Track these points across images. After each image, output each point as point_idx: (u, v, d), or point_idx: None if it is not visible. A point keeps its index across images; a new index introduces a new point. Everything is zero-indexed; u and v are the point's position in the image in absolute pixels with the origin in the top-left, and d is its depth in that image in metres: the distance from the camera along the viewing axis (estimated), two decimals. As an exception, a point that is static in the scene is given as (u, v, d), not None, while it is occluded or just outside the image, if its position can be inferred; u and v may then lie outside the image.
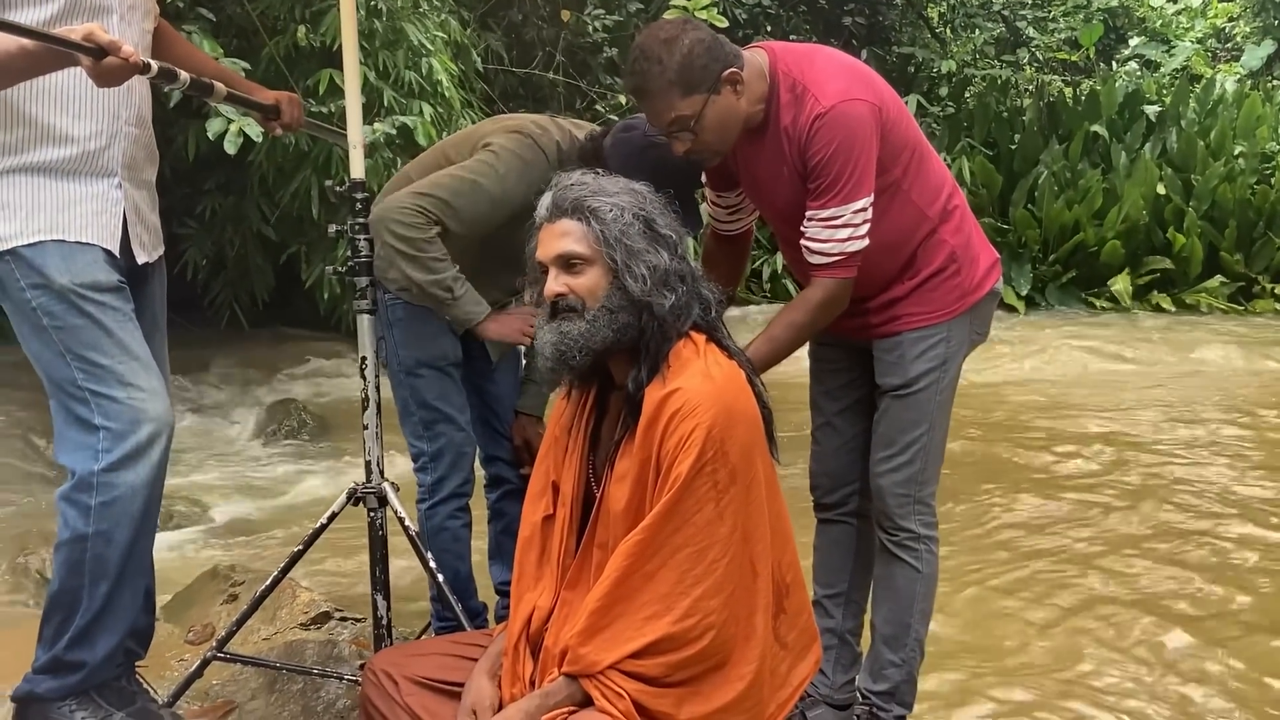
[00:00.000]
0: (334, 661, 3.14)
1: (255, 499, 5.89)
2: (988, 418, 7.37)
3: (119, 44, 2.25)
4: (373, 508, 2.87)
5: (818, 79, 2.57)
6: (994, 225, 12.33)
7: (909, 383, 2.77)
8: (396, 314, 3.11)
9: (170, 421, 2.54)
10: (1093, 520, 5.28)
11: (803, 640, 2.27)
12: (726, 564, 2.05)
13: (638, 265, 2.10)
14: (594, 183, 2.17)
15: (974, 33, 15.56)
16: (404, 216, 2.90)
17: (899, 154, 2.66)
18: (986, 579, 4.50)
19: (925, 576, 2.85)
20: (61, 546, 2.50)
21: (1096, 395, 8.24)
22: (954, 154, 13.03)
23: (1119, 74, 17.09)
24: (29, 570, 4.20)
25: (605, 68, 11.34)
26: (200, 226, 8.82)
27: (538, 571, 2.26)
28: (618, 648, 2.03)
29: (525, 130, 3.04)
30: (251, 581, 3.74)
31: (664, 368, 2.11)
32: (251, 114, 3.01)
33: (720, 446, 2.04)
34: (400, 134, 7.05)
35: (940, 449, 2.84)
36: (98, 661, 2.54)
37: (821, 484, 3.01)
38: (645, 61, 2.48)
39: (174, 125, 7.49)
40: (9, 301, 2.52)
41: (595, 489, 2.22)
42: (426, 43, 7.72)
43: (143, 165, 2.68)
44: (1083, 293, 12.41)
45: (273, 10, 7.47)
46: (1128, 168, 13.12)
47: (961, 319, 2.79)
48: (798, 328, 2.65)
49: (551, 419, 2.35)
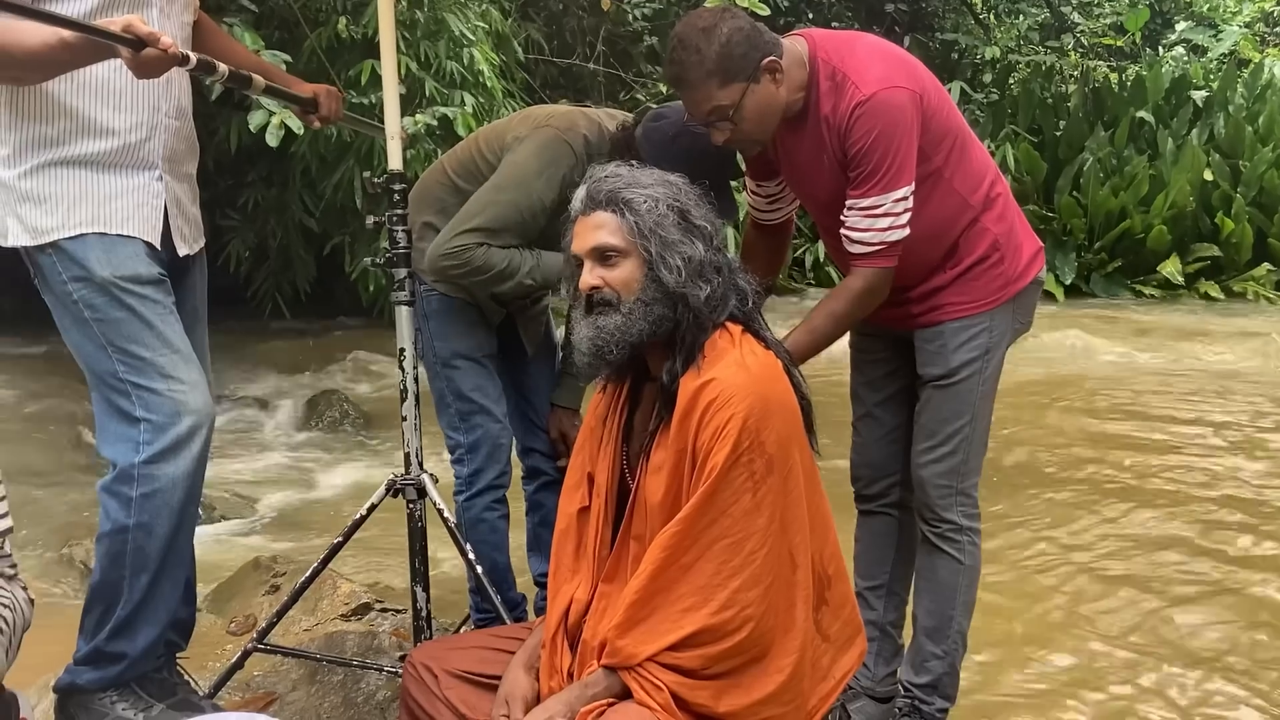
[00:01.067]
0: (374, 653, 3.15)
1: (298, 490, 5.92)
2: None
3: (158, 35, 2.25)
4: (411, 499, 2.87)
5: (858, 66, 2.55)
6: (1038, 213, 12.18)
7: (951, 373, 2.74)
8: (432, 305, 3.12)
9: (211, 414, 2.55)
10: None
11: (846, 632, 2.25)
12: (765, 555, 2.04)
13: (672, 257, 2.09)
14: (628, 174, 2.16)
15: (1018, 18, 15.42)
16: (453, 260, 2.94)
17: (940, 142, 2.63)
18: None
19: (968, 568, 2.83)
20: (103, 538, 2.52)
21: (1158, 385, 8.01)
22: (998, 141, 12.89)
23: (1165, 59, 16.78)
24: (73, 561, 4.25)
25: (646, 56, 11.32)
26: (243, 218, 8.88)
27: (574, 564, 2.25)
28: (656, 640, 2.02)
29: (552, 125, 3.03)
30: (294, 572, 3.75)
31: (699, 358, 2.09)
32: (290, 107, 3.01)
33: (756, 436, 2.02)
34: (441, 125, 7.05)
35: (983, 440, 2.81)
36: (138, 653, 2.56)
37: (862, 475, 2.99)
38: (683, 51, 2.47)
39: (216, 118, 7.54)
40: (51, 294, 2.53)
41: (630, 480, 2.21)
42: (468, 33, 7.73)
43: (184, 158, 2.69)
44: (1129, 280, 12.25)
45: (314, 2, 7.52)
46: (1174, 154, 12.91)
47: (1004, 308, 2.76)
48: (838, 318, 2.63)
49: (588, 410, 2.35)
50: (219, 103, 6.95)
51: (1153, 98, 13.76)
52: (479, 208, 2.97)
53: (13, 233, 2.51)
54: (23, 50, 2.28)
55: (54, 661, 2.68)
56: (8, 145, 2.48)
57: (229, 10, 6.82)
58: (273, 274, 9.28)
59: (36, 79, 2.40)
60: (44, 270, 2.52)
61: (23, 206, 2.49)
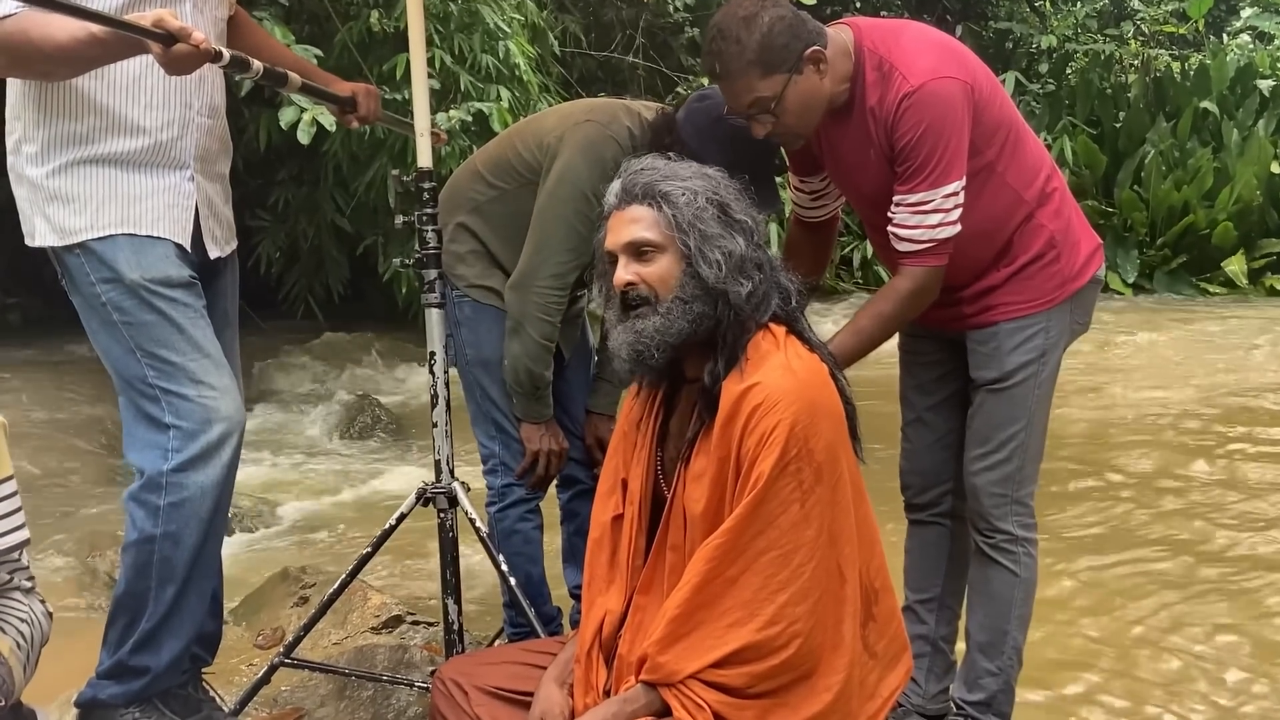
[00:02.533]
0: (405, 667, 3.09)
1: (329, 497, 5.86)
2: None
3: (189, 30, 2.21)
4: (443, 508, 2.82)
5: (905, 56, 2.48)
6: (1097, 208, 11.98)
7: (1005, 376, 2.66)
8: (465, 312, 3.06)
9: (241, 420, 2.53)
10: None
11: (893, 649, 2.18)
12: (813, 568, 1.98)
13: (712, 251, 2.03)
14: (665, 167, 2.11)
15: (1076, 5, 15.22)
16: (547, 313, 2.91)
17: (993, 134, 2.55)
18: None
19: (1024, 581, 2.75)
20: (129, 548, 2.49)
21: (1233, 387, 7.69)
22: (1055, 133, 12.71)
23: (1230, 47, 16.47)
24: (97, 571, 4.21)
25: (687, 48, 11.24)
26: (273, 218, 8.86)
27: (609, 574, 2.20)
28: (699, 656, 1.96)
29: (595, 119, 2.94)
30: (323, 583, 3.72)
31: (742, 360, 2.03)
32: (327, 106, 2.97)
33: (804, 444, 1.96)
34: (475, 120, 7.00)
35: (1039, 446, 2.74)
36: (163, 667, 2.53)
37: (913, 483, 2.92)
38: (723, 41, 2.41)
39: (245, 115, 7.52)
40: (79, 296, 2.51)
41: (665, 487, 2.15)
42: (503, 25, 7.68)
43: (216, 157, 2.66)
44: (1193, 278, 12.01)
45: (345, -5, 7.46)
46: (1240, 146, 12.65)
47: (1061, 308, 2.68)
48: (885, 319, 2.55)
49: (621, 414, 2.29)
50: (248, 99, 6.91)
51: (1217, 87, 13.48)
52: (541, 241, 2.91)
53: (40, 232, 2.49)
54: (51, 44, 2.26)
55: (75, 676, 2.64)
56: (36, 143, 2.46)
57: (259, 3, 6.79)
58: (304, 275, 9.24)
59: (65, 74, 2.38)
60: (72, 271, 2.49)
61: (51, 206, 2.46)
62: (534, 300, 2.90)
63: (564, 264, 2.89)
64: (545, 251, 2.89)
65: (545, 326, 2.91)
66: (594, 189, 2.79)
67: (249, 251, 8.54)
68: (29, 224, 2.50)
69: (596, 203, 2.77)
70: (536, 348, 2.91)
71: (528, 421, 3.03)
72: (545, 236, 2.90)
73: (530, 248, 2.92)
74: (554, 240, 2.88)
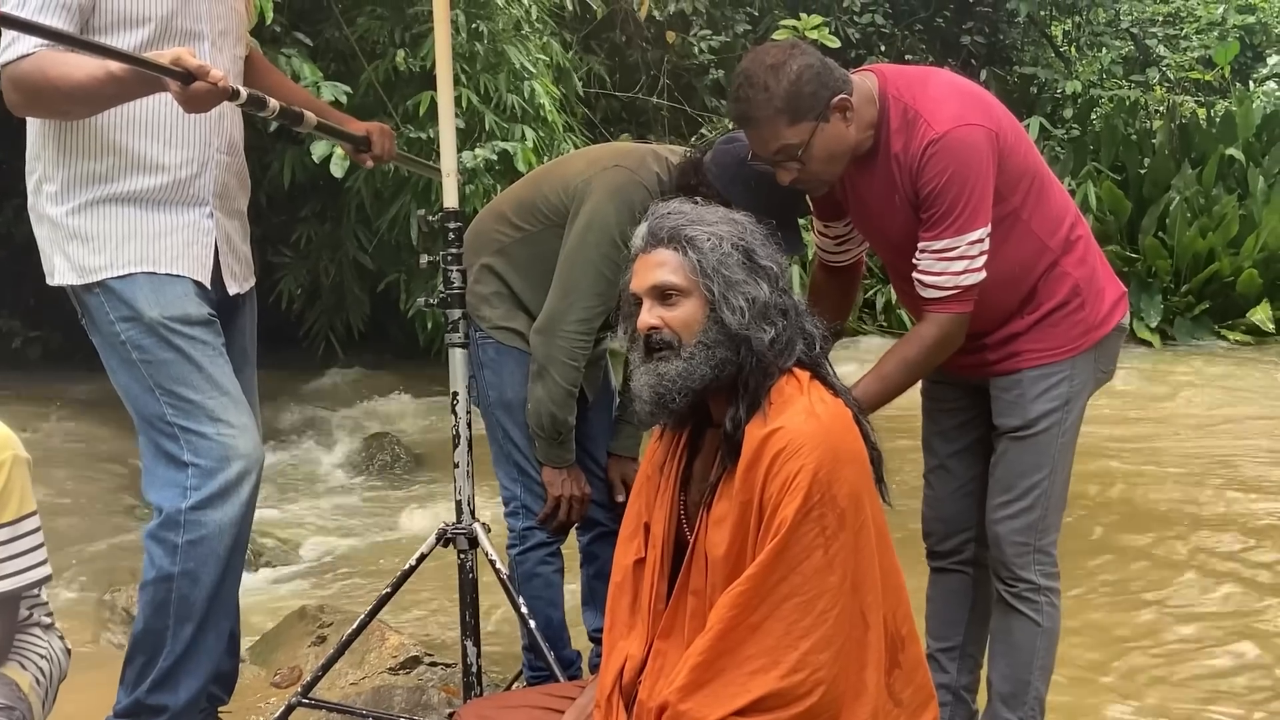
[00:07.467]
0: (422, 709, 3.08)
1: (347, 536, 5.84)
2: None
3: (208, 68, 2.22)
4: (463, 549, 2.81)
5: (930, 103, 2.48)
6: (1121, 254, 11.84)
7: (1029, 424, 2.64)
8: (488, 354, 3.05)
9: (260, 458, 2.52)
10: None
11: (919, 698, 2.15)
12: (836, 615, 1.96)
13: (736, 297, 2.02)
14: (692, 211, 2.10)
15: (1101, 51, 15.11)
16: (573, 358, 2.91)
17: (1018, 181, 2.55)
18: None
19: (1046, 630, 2.71)
20: (146, 586, 2.48)
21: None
22: (1079, 179, 12.55)
23: (1256, 94, 16.17)
24: (115, 607, 4.19)
25: (711, 90, 11.24)
26: (295, 255, 8.87)
27: (630, 619, 2.18)
28: (722, 704, 1.94)
29: (624, 165, 2.94)
30: (340, 623, 3.68)
31: (765, 405, 2.02)
32: (342, 145, 2.98)
33: (827, 489, 1.95)
34: (500, 160, 7.02)
35: (1062, 494, 2.71)
36: (180, 706, 2.51)
37: (935, 531, 2.90)
38: (750, 88, 2.41)
39: (270, 151, 7.55)
40: (98, 334, 2.51)
41: (687, 531, 2.13)
42: (529, 65, 7.72)
43: (235, 194, 2.66)
44: (1217, 325, 11.88)
45: (371, 34, 7.52)
46: (1266, 193, 12.48)
47: (1086, 356, 2.66)
48: (910, 365, 2.54)
49: (645, 456, 2.28)
50: (274, 136, 6.94)
51: (1243, 134, 13.31)
52: (569, 285, 2.91)
53: (59, 271, 2.49)
54: (69, 83, 2.27)
55: (93, 713, 2.63)
56: (56, 182, 2.47)
57: (285, 42, 6.84)
58: (325, 312, 9.24)
59: (83, 113, 2.39)
60: (91, 310, 2.50)
61: (70, 244, 2.47)
62: (560, 345, 2.90)
63: (590, 309, 2.89)
64: (572, 296, 2.89)
65: (570, 372, 2.91)
66: (622, 234, 2.78)
67: (270, 288, 8.57)
68: (49, 262, 2.50)
69: (624, 248, 2.76)
70: (561, 393, 2.91)
71: (550, 466, 3.02)
72: (572, 281, 2.90)
73: (557, 292, 2.92)
74: (581, 285, 2.88)
